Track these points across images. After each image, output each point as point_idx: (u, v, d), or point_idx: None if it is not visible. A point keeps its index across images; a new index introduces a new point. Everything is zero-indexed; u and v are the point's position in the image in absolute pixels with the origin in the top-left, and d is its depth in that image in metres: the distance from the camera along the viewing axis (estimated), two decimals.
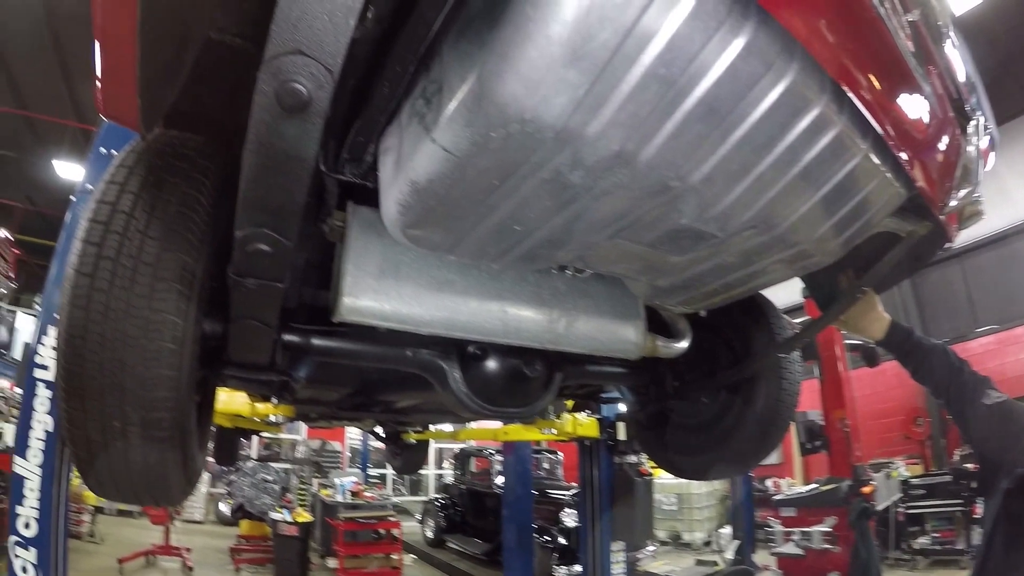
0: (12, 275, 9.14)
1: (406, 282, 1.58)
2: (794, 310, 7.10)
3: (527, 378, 1.95)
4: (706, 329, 2.18)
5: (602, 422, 5.56)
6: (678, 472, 2.79)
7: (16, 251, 10.94)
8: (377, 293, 1.55)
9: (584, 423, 5.45)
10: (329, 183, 1.45)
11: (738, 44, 0.96)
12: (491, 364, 1.91)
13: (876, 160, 1.24)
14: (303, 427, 13.56)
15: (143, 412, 1.33)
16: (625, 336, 1.87)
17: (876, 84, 1.11)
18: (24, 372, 4.14)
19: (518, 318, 1.70)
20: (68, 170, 14.39)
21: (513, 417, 2.12)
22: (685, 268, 1.59)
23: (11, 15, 11.32)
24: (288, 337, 1.78)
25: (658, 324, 2.01)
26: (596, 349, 1.85)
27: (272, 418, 5.26)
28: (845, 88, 1.07)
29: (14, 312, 13.69)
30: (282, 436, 13.69)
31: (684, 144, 1.08)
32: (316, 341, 1.81)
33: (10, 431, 8.24)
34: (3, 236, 10.56)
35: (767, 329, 2.26)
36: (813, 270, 1.60)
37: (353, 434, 15.30)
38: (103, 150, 3.83)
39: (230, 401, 4.67)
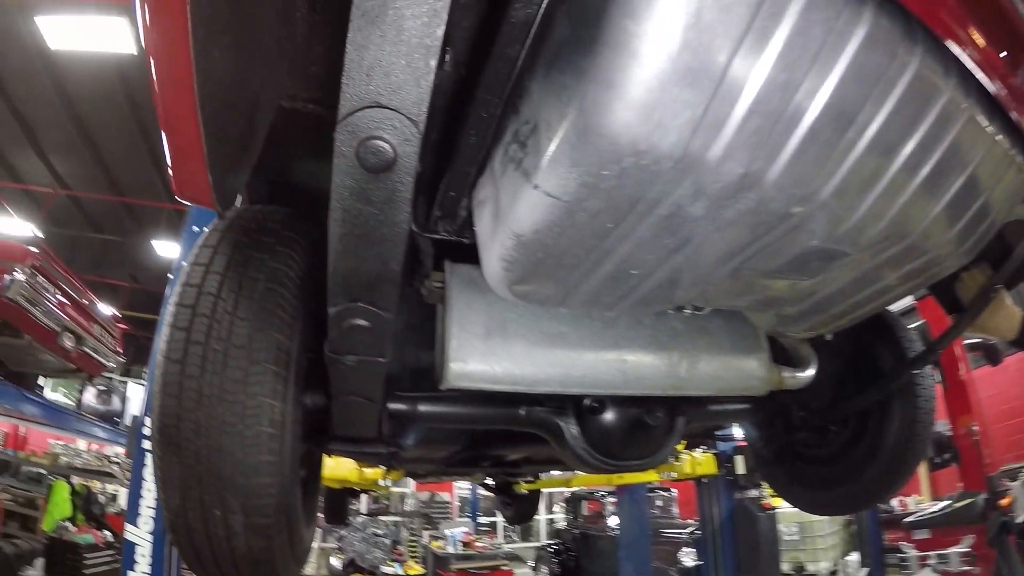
0: (120, 350, 9.74)
1: (515, 340, 1.48)
2: (903, 313, 6.62)
3: (649, 427, 1.81)
4: (830, 352, 2.00)
5: (719, 457, 5.31)
6: (812, 509, 2.57)
7: (123, 326, 11.75)
8: (485, 355, 1.46)
9: (701, 461, 5.22)
10: (422, 243, 1.39)
11: (859, 34, 0.87)
12: (610, 416, 1.78)
13: (1006, 143, 1.13)
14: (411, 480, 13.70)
15: (245, 499, 1.27)
16: (750, 372, 1.72)
17: (1002, 57, 1.00)
18: (134, 442, 4.29)
19: (637, 366, 1.58)
20: (166, 248, 15.70)
21: (635, 469, 1.99)
22: (813, 292, 1.46)
23: (99, 111, 12.35)
24: (393, 406, 1.70)
25: (776, 349, 1.85)
26: (720, 389, 1.71)
27: (381, 481, 5.23)
28: (973, 66, 0.96)
29: (125, 383, 14.58)
30: (391, 490, 13.81)
31: (812, 156, 0.96)
32: (423, 408, 1.73)
33: (125, 494, 8.67)
34: (110, 314, 11.44)
35: (896, 345, 2.06)
36: (945, 275, 1.44)
37: (462, 484, 15.31)
38: (196, 228, 4.00)
39: (337, 467, 4.66)
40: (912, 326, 2.67)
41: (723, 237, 1.12)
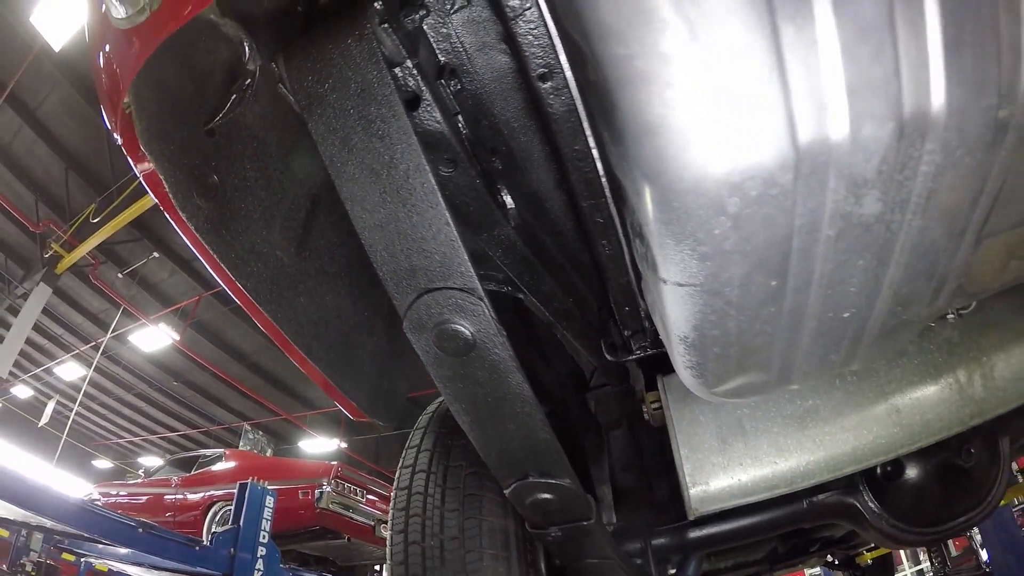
0: None
1: (758, 438, 1.27)
2: None
3: (964, 469, 1.44)
4: None
5: None
6: None
7: None
8: (727, 469, 1.26)
9: None
10: (629, 366, 1.31)
11: None
12: (912, 475, 1.45)
13: None
14: None
15: None
16: None
17: None
18: None
19: (918, 410, 1.24)
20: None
21: (966, 527, 1.54)
22: None
23: None
24: (657, 542, 1.53)
25: None
26: None
27: None
28: None
29: None
30: None
31: (990, 48, 0.61)
32: (694, 534, 1.54)
33: None
34: None
35: None
36: None
37: None
38: None
39: None
40: None
41: (934, 216, 0.75)
